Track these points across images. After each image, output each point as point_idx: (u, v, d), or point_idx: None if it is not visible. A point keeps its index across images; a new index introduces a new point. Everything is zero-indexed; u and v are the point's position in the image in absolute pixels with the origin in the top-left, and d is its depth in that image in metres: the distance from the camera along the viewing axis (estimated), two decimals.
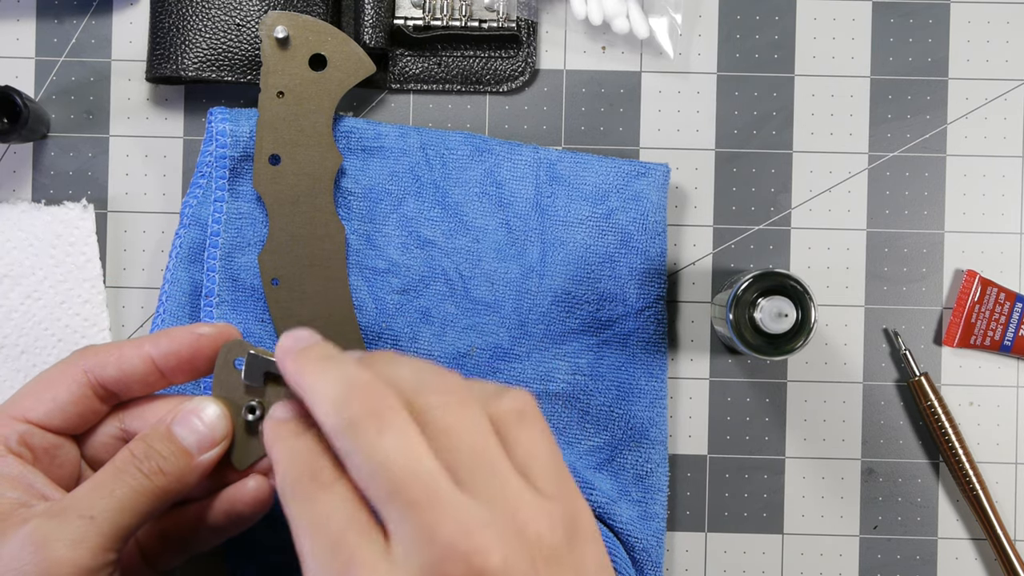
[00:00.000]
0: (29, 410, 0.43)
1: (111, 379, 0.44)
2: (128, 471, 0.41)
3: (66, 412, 0.43)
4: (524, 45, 0.61)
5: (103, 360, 0.44)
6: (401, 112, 0.61)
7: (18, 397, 0.44)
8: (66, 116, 0.61)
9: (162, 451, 0.42)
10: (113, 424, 0.45)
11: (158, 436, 0.43)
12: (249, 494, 0.45)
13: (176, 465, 0.42)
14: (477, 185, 0.59)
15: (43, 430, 0.43)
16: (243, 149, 0.57)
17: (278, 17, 0.56)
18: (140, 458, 0.42)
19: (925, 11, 0.61)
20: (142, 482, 0.41)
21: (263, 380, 0.44)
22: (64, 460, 0.44)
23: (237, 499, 0.45)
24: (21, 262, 0.59)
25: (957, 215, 0.61)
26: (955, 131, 0.61)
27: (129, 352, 0.44)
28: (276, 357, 0.40)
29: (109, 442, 0.45)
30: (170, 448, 0.42)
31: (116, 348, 0.44)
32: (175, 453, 0.42)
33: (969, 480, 0.59)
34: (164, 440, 0.42)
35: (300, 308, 0.57)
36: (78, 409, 0.44)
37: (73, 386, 0.44)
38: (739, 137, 0.61)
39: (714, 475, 0.60)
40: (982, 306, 0.60)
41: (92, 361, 0.44)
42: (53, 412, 0.43)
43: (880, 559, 0.60)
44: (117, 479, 0.41)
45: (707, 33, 0.61)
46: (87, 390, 0.44)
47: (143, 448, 0.42)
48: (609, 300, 0.58)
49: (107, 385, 0.44)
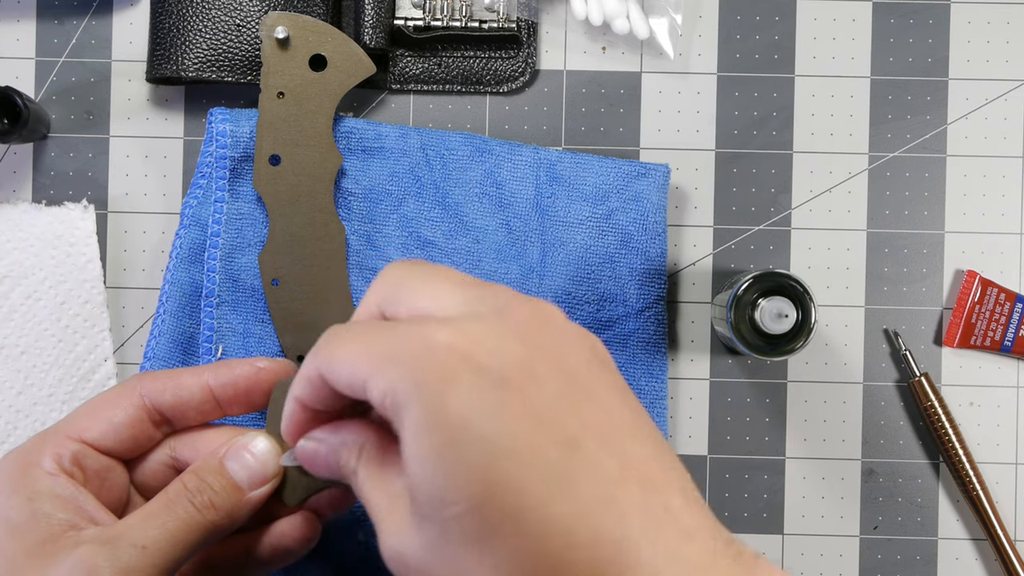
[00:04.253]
0: (84, 430, 0.43)
1: (167, 405, 0.44)
2: (180, 503, 0.41)
3: (120, 435, 0.44)
4: (524, 45, 0.61)
5: (161, 385, 0.44)
6: (401, 112, 0.61)
7: (74, 416, 0.44)
8: (66, 116, 0.61)
9: (214, 485, 0.42)
10: (164, 452, 0.46)
11: (210, 470, 0.43)
12: (298, 530, 0.45)
13: (227, 500, 0.42)
14: (477, 185, 0.59)
15: (96, 451, 0.43)
16: (243, 149, 0.57)
17: (278, 18, 0.56)
18: (192, 491, 0.42)
19: (925, 11, 0.61)
20: (193, 515, 0.41)
21: None
22: (114, 484, 0.44)
23: (286, 534, 0.45)
24: (21, 262, 0.59)
25: (957, 215, 0.61)
26: (955, 131, 0.61)
27: (188, 380, 0.45)
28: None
29: (159, 469, 0.46)
30: (222, 483, 0.42)
31: (175, 374, 0.45)
32: (226, 488, 0.42)
33: (969, 480, 0.59)
34: (216, 474, 0.43)
35: (300, 308, 0.57)
36: (132, 432, 0.44)
37: (130, 409, 0.44)
38: (739, 137, 0.61)
39: (714, 475, 0.60)
40: (982, 306, 0.60)
41: (150, 386, 0.44)
42: (107, 434, 0.43)
43: (880, 559, 0.60)
44: (169, 511, 0.41)
45: (707, 33, 0.61)
46: (143, 414, 0.44)
47: (195, 482, 0.42)
48: (609, 300, 0.58)
49: (163, 411, 0.44)
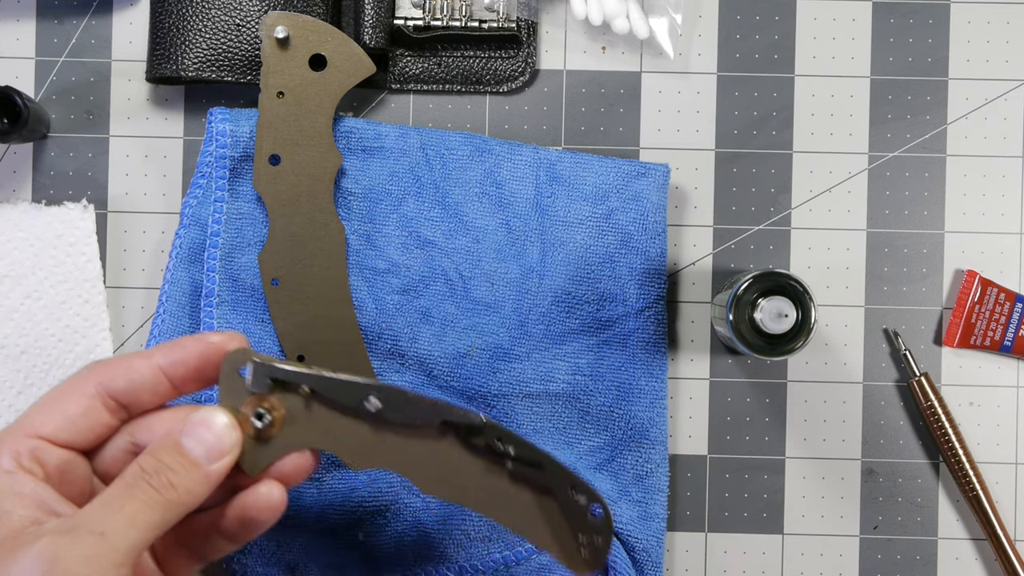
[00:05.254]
0: (40, 425, 0.43)
1: (121, 391, 0.44)
2: (138, 486, 0.41)
3: (77, 426, 0.43)
4: (524, 45, 0.61)
5: (112, 372, 0.44)
6: (401, 112, 0.61)
7: (29, 413, 0.44)
8: (66, 116, 0.61)
9: (171, 464, 0.42)
10: (123, 438, 0.45)
11: (167, 449, 0.42)
12: (262, 499, 0.45)
13: (186, 477, 0.42)
14: (477, 185, 0.59)
15: (54, 446, 0.43)
16: (243, 149, 0.57)
17: (278, 17, 0.56)
18: (150, 472, 0.41)
19: (925, 11, 0.61)
20: (152, 496, 0.41)
21: (269, 387, 0.44)
22: (76, 476, 0.44)
23: (250, 505, 0.45)
24: (21, 262, 0.59)
25: (957, 215, 0.61)
26: (955, 131, 0.61)
27: (138, 363, 0.44)
28: None
29: (120, 456, 0.45)
30: (179, 460, 0.42)
31: (126, 360, 0.44)
32: (184, 465, 0.42)
33: (969, 480, 0.59)
34: (173, 453, 0.42)
35: (300, 308, 0.57)
36: (89, 423, 0.44)
37: (83, 400, 0.43)
38: (739, 137, 0.61)
39: (714, 475, 0.60)
40: (982, 306, 0.60)
41: (102, 374, 0.44)
42: (63, 427, 0.43)
43: (880, 559, 0.60)
44: (127, 494, 0.41)
45: (707, 33, 0.61)
46: (97, 403, 0.44)
47: (152, 462, 0.42)
48: (609, 300, 0.58)
49: (117, 397, 0.44)
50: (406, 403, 0.44)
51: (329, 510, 0.57)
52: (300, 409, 0.45)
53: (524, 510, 0.46)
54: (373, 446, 0.45)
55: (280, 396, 0.44)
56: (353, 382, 0.44)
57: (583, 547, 0.46)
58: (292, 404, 0.45)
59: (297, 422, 0.45)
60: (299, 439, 0.45)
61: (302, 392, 0.44)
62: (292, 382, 0.44)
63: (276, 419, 0.44)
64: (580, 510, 0.46)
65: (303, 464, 0.46)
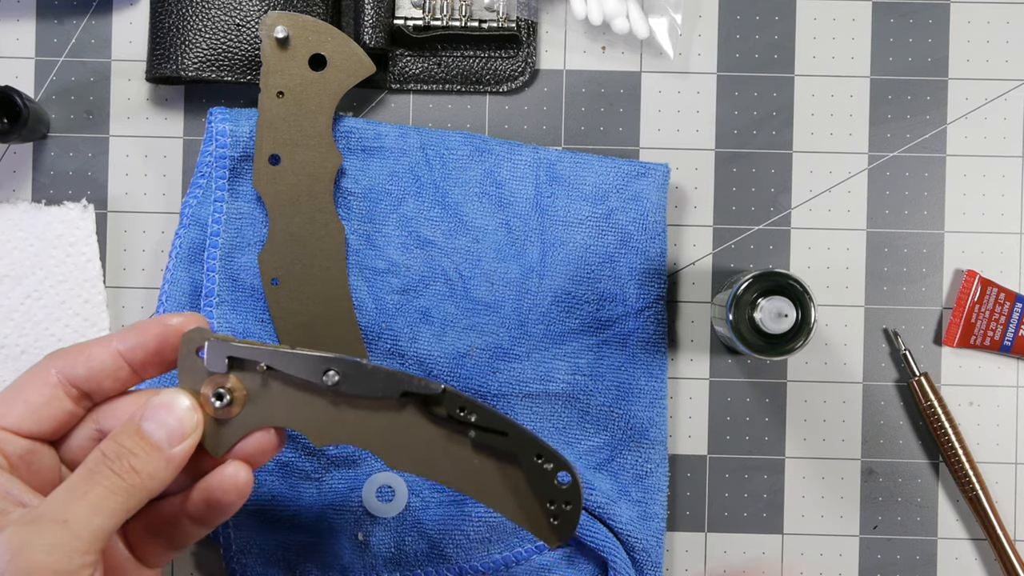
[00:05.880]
0: (2, 416, 0.43)
1: (81, 378, 0.44)
2: (100, 472, 0.41)
3: (39, 416, 0.43)
4: (524, 45, 0.61)
5: (72, 360, 0.44)
6: (401, 112, 0.61)
7: None
8: (66, 116, 0.61)
9: (133, 448, 0.42)
10: (89, 426, 0.45)
11: (128, 434, 0.42)
12: (228, 480, 0.44)
13: (148, 461, 0.42)
14: (477, 185, 0.59)
15: (17, 436, 0.43)
16: (243, 149, 0.57)
17: (278, 17, 0.56)
18: (111, 458, 0.41)
19: (925, 11, 0.61)
20: (115, 482, 0.41)
21: (227, 366, 0.44)
22: (41, 466, 0.44)
23: (215, 486, 0.44)
24: (21, 262, 0.59)
25: (957, 215, 0.61)
26: (955, 131, 0.61)
27: (97, 350, 0.44)
28: None
29: (87, 444, 0.45)
30: (140, 445, 0.42)
31: (85, 347, 0.44)
32: (146, 449, 0.42)
33: (969, 480, 0.59)
34: (134, 437, 0.42)
35: (300, 308, 0.57)
36: (51, 412, 0.43)
37: (44, 388, 0.43)
38: (739, 137, 0.61)
39: (714, 475, 0.60)
40: (982, 306, 0.60)
41: (61, 362, 0.44)
42: (25, 416, 0.43)
43: (880, 559, 0.60)
44: (90, 481, 0.41)
45: (707, 33, 0.61)
46: (58, 391, 0.43)
47: (113, 447, 0.42)
48: (609, 300, 0.58)
49: (78, 384, 0.44)
50: (364, 375, 0.44)
51: (329, 510, 0.57)
52: (259, 387, 0.44)
53: (489, 479, 0.45)
54: (334, 421, 0.45)
55: (239, 375, 0.44)
56: (308, 355, 0.44)
57: (553, 517, 0.46)
58: (251, 382, 0.44)
59: (258, 401, 0.45)
60: (260, 418, 0.45)
61: (260, 369, 0.44)
62: (249, 360, 0.44)
63: (236, 399, 0.44)
64: (547, 476, 0.45)
65: (267, 443, 0.45)
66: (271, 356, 0.44)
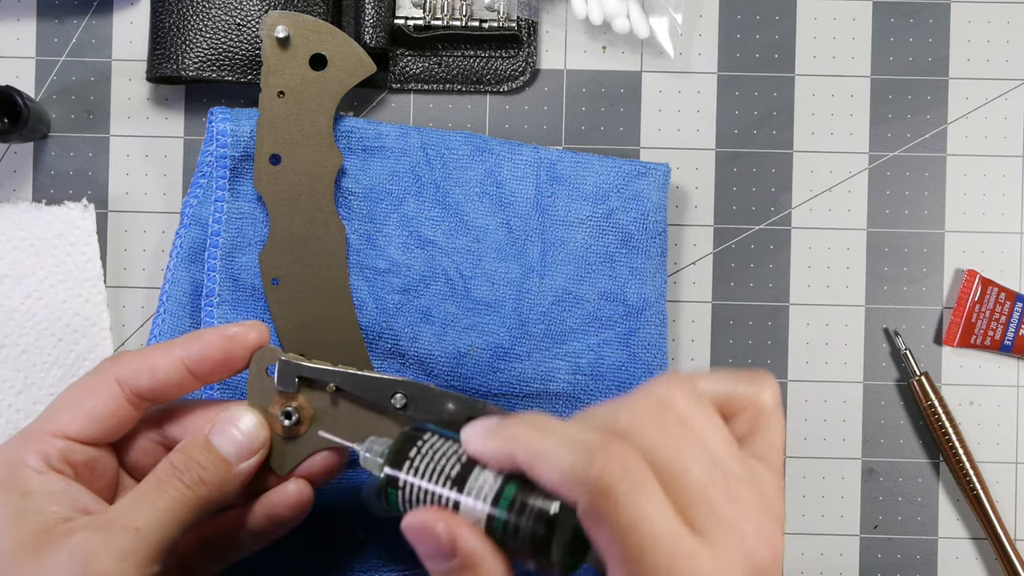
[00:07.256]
0: (66, 425, 0.43)
1: (145, 388, 0.44)
2: (169, 482, 0.42)
3: (102, 424, 0.44)
4: (524, 45, 0.61)
5: (136, 370, 0.44)
6: (401, 112, 0.61)
7: (53, 412, 0.44)
8: (66, 116, 0.61)
9: (202, 461, 0.43)
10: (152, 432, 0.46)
11: (197, 446, 0.43)
12: (291, 497, 0.46)
13: (216, 475, 0.43)
14: (477, 185, 0.59)
15: (82, 444, 0.43)
16: (244, 149, 0.57)
17: (278, 17, 0.56)
18: (181, 469, 0.42)
19: (925, 11, 0.61)
20: (184, 492, 0.42)
21: (296, 385, 0.45)
22: (103, 470, 0.44)
23: (278, 503, 0.45)
24: (22, 262, 0.59)
25: (957, 215, 0.61)
26: (955, 131, 0.61)
27: (162, 361, 0.44)
28: (467, 437, 0.40)
29: (149, 447, 0.46)
30: (209, 458, 0.43)
31: (148, 356, 0.45)
32: (214, 463, 0.43)
33: (969, 480, 0.59)
34: (203, 450, 0.43)
35: (300, 308, 0.57)
36: (115, 420, 0.44)
37: (108, 398, 0.44)
38: (739, 137, 0.61)
39: None
40: (982, 306, 0.60)
41: (124, 371, 0.44)
42: (89, 425, 0.43)
43: (880, 559, 0.60)
44: (159, 490, 0.41)
45: (707, 33, 0.61)
46: (121, 400, 0.44)
47: (183, 459, 0.42)
48: (609, 300, 0.58)
49: (142, 394, 0.44)
50: (432, 399, 0.45)
51: (329, 510, 0.57)
52: (327, 407, 0.45)
53: None
54: None
55: (308, 394, 0.45)
56: (380, 379, 0.45)
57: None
58: (318, 401, 0.45)
59: (324, 420, 0.45)
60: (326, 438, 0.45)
61: (329, 390, 0.45)
62: (319, 380, 0.45)
63: (304, 418, 0.45)
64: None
65: (330, 463, 0.47)
66: (341, 377, 0.45)
